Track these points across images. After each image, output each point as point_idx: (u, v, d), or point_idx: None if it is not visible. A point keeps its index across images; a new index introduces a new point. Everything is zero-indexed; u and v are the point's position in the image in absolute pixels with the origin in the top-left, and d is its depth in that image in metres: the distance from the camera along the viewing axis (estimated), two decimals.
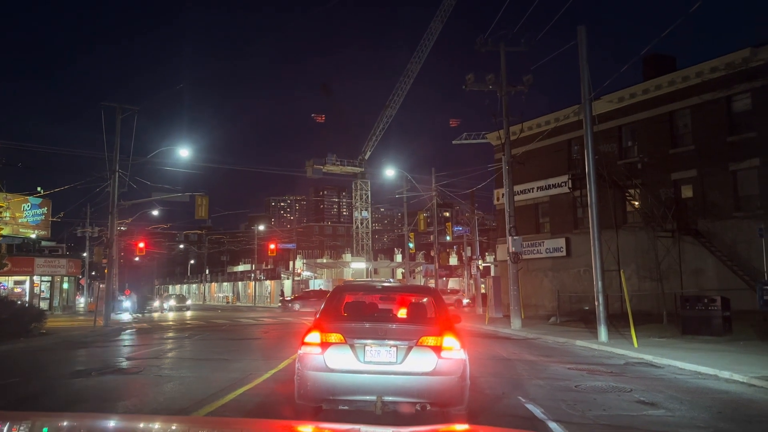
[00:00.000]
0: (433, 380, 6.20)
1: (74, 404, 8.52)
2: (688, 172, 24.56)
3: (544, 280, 31.06)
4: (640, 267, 25.06)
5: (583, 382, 10.23)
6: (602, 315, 17.12)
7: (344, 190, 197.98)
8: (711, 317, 16.81)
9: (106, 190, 27.59)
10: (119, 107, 26.78)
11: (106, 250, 31.73)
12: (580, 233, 28.04)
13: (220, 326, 26.46)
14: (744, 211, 22.47)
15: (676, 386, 9.94)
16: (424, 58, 64.81)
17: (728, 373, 10.85)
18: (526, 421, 7.23)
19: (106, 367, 12.30)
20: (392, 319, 7.67)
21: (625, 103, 27.25)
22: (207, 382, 10.01)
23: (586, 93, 18.43)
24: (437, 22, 62.49)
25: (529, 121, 30.78)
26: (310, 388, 6.34)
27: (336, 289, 8.27)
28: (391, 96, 67.42)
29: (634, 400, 8.58)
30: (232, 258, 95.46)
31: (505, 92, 23.44)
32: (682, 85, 24.86)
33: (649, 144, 26.33)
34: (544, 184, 31.07)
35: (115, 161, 26.72)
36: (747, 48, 22.27)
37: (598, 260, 17.78)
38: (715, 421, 7.35)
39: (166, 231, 59.41)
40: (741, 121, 22.94)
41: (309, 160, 68.78)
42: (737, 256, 22.15)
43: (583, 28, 18.40)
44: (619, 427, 7.00)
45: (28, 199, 39.85)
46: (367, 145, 70.68)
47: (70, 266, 43.31)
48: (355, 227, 75.50)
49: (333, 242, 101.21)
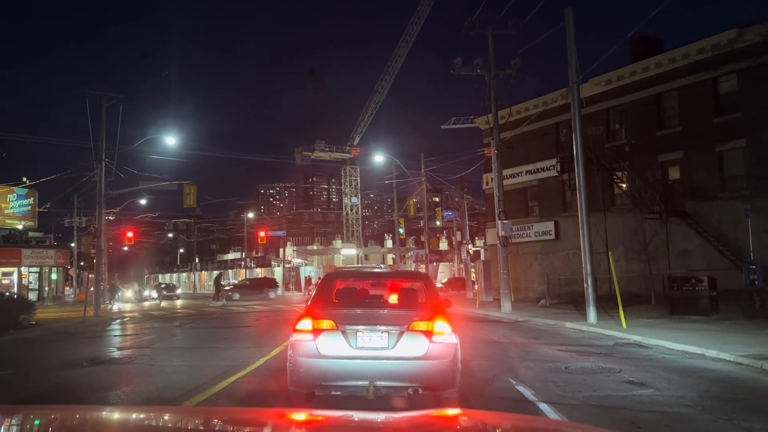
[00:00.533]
0: (424, 364, 6.23)
1: (65, 395, 8.49)
2: (675, 153, 24.70)
3: (534, 263, 31.25)
4: (628, 249, 25.26)
5: (572, 363, 10.34)
6: (591, 297, 17.27)
7: (334, 176, 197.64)
8: (698, 297, 17.01)
9: (93, 180, 27.33)
10: (104, 95, 26.46)
11: (95, 240, 31.55)
12: (568, 216, 28.18)
13: (211, 314, 26.43)
14: (730, 192, 22.67)
15: (665, 366, 10.07)
16: (411, 42, 64.52)
17: (715, 352, 11.00)
18: (517, 403, 7.30)
19: (96, 358, 12.27)
20: (383, 305, 7.69)
21: (612, 85, 27.29)
22: (199, 371, 10.01)
23: (574, 76, 18.42)
24: (424, 5, 62.13)
25: (518, 105, 30.82)
26: (303, 374, 6.36)
27: (327, 275, 8.29)
28: (379, 81, 67.15)
29: (623, 381, 8.68)
30: (222, 246, 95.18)
31: (493, 76, 23.39)
32: (669, 67, 24.92)
33: (636, 126, 26.43)
34: (533, 168, 31.15)
35: (102, 150, 26.43)
36: (733, 29, 22.31)
37: (586, 243, 17.90)
38: (703, 399, 7.47)
39: (154, 220, 59.16)
40: (727, 102, 23.06)
41: (298, 147, 68.48)
42: (724, 236, 22.37)
43: (570, 11, 18.34)
44: (608, 407, 7.09)
45: (14, 189, 39.39)
46: (356, 131, 70.44)
47: (58, 257, 42.95)
48: (345, 213, 75.44)
49: (323, 229, 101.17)
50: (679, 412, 6.88)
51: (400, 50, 65.02)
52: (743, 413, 6.73)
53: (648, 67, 25.78)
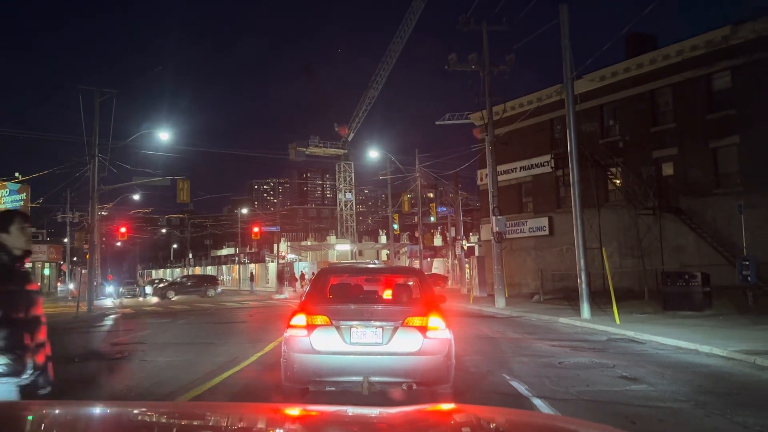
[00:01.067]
0: (419, 360, 6.23)
1: (58, 392, 8.44)
2: (669, 150, 24.77)
3: (528, 259, 31.31)
4: (622, 245, 25.35)
5: (566, 358, 10.36)
6: (585, 292, 17.32)
7: (328, 172, 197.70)
8: (692, 293, 17.07)
9: (86, 175, 27.24)
10: (97, 90, 26.34)
11: (87, 235, 31.41)
12: (562, 212, 28.24)
13: (205, 310, 26.38)
14: (724, 188, 22.76)
15: (658, 361, 10.10)
16: (406, 38, 64.35)
17: (708, 348, 11.04)
18: (511, 398, 7.31)
19: (90, 353, 12.23)
20: (378, 301, 7.68)
21: (607, 81, 27.32)
22: (193, 366, 9.98)
23: (569, 72, 18.42)
24: (419, 1, 61.98)
25: (512, 101, 30.80)
26: (297, 370, 6.34)
27: (321, 271, 8.27)
28: (374, 77, 67.02)
29: (616, 376, 8.71)
30: (216, 242, 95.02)
31: (487, 72, 23.38)
32: (663, 63, 24.97)
33: (630, 122, 26.49)
34: (527, 164, 31.18)
35: (95, 145, 26.31)
36: (727, 26, 22.37)
37: (580, 239, 17.93)
38: (696, 394, 7.49)
39: (148, 215, 58.95)
40: (721, 99, 23.13)
41: (292, 143, 68.36)
42: (717, 232, 22.46)
43: (565, 7, 18.33)
44: (602, 402, 7.11)
45: (6, 184, 39.09)
46: (351, 127, 70.33)
47: (51, 252, 42.85)
48: (339, 209, 75.42)
49: (317, 225, 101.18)
50: (672, 406, 6.90)
51: (394, 46, 64.91)
52: (736, 408, 6.75)
53: (642, 64, 25.82)
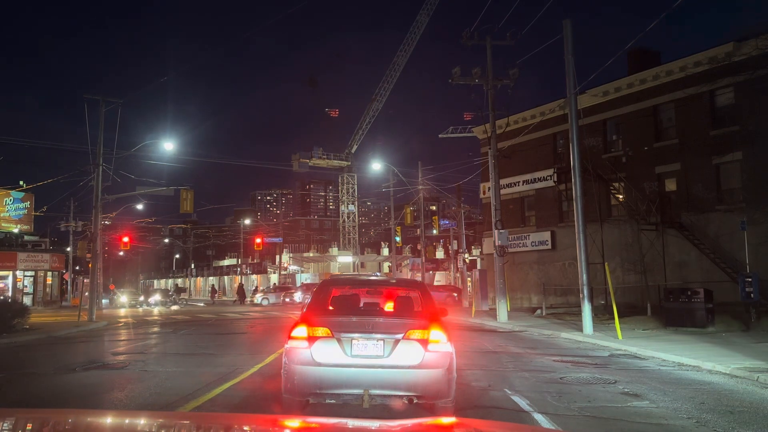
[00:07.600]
0: (420, 373, 6.20)
1: (59, 400, 8.44)
2: (672, 165, 24.78)
3: (530, 273, 31.25)
4: (625, 260, 25.28)
5: (568, 374, 10.32)
6: (587, 307, 17.25)
7: (331, 184, 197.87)
8: (694, 309, 16.99)
9: (90, 184, 27.34)
10: (103, 100, 26.47)
11: (90, 244, 31.45)
12: (565, 227, 28.21)
13: (207, 321, 26.32)
14: (727, 205, 22.73)
15: (660, 378, 10.05)
16: (410, 52, 64.84)
17: (711, 365, 10.98)
18: (512, 413, 7.28)
19: (91, 363, 12.19)
20: (379, 313, 7.67)
21: (610, 97, 27.42)
22: (193, 377, 9.96)
23: (572, 87, 18.47)
24: (423, 15, 62.48)
25: (515, 115, 30.93)
26: (297, 382, 6.33)
27: (323, 283, 8.28)
28: (377, 90, 67.37)
29: (618, 392, 8.66)
30: (218, 252, 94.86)
31: (491, 86, 23.47)
32: (666, 79, 25.05)
33: (633, 138, 26.53)
34: (530, 178, 31.21)
35: (99, 155, 26.41)
36: (730, 42, 22.45)
37: (582, 253, 17.89)
38: (698, 411, 7.45)
39: (151, 225, 58.93)
40: (724, 115, 23.17)
41: (295, 154, 68.55)
42: (720, 248, 22.41)
43: (568, 22, 18.42)
44: (603, 419, 7.07)
45: (10, 193, 39.36)
46: (354, 139, 70.61)
47: (53, 261, 42.85)
48: (342, 221, 75.46)
49: (320, 236, 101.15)
50: (674, 424, 6.86)
51: (398, 59, 65.33)
52: (739, 426, 6.71)
53: (645, 79, 25.91)
